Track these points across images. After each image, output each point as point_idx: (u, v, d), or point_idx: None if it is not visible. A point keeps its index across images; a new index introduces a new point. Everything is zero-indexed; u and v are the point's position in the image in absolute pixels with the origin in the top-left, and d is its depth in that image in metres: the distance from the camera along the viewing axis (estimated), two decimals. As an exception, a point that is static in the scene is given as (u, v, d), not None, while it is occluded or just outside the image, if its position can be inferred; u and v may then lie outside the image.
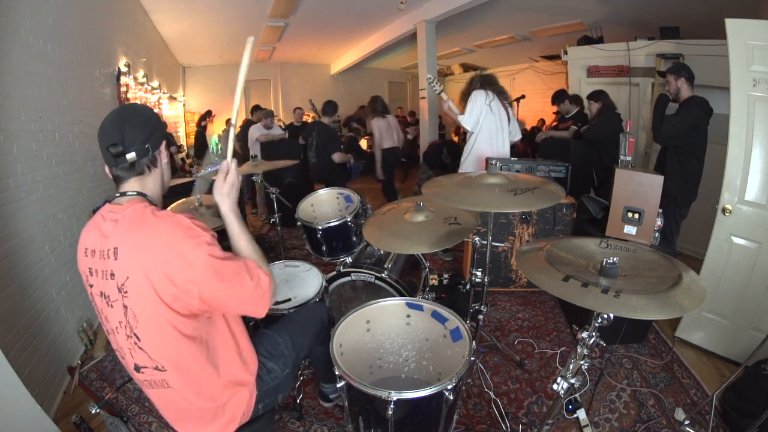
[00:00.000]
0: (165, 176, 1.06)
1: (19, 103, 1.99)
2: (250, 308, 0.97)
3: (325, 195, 2.59)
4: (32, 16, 2.17)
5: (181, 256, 0.85)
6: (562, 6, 4.91)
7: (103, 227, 0.92)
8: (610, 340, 2.21)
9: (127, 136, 0.92)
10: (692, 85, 2.43)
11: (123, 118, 0.94)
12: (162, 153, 1.02)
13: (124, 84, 3.75)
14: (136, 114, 0.97)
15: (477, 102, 2.69)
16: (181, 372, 0.93)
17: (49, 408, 1.80)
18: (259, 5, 5.04)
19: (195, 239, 0.88)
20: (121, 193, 0.96)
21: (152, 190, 1.00)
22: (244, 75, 0.96)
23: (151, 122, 0.98)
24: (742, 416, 1.59)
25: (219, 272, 0.89)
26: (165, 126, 1.06)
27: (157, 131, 0.98)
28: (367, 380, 1.12)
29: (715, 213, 2.07)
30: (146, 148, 0.95)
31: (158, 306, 0.85)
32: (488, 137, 2.76)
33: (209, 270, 0.87)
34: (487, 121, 2.73)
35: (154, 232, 0.87)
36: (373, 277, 1.91)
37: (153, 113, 1.05)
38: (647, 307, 0.83)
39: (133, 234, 0.87)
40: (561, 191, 1.34)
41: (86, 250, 0.94)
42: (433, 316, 1.42)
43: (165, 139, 1.03)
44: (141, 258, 0.85)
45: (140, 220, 0.88)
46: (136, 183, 0.97)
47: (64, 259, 2.29)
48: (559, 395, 1.09)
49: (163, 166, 1.03)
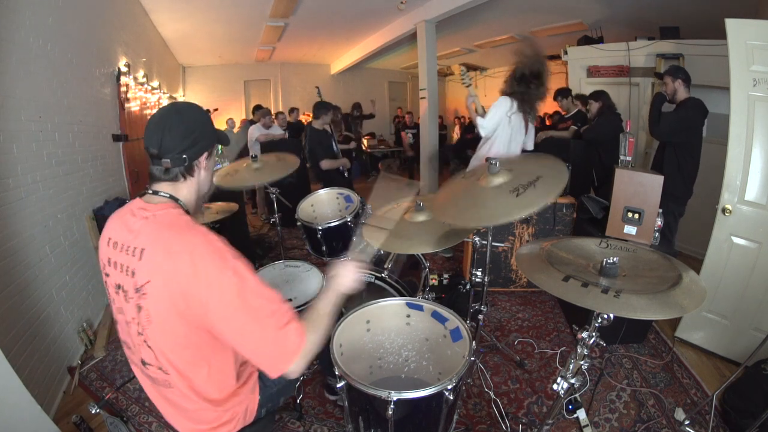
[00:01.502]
0: (202, 185, 1.02)
1: (19, 103, 1.99)
2: (263, 361, 0.86)
3: (325, 195, 2.59)
4: (32, 16, 2.17)
5: (204, 277, 0.81)
6: (562, 6, 4.91)
7: (130, 222, 0.90)
8: (610, 340, 2.21)
9: (165, 142, 0.90)
10: (689, 87, 2.44)
11: (165, 124, 0.92)
12: (201, 164, 0.98)
13: (124, 84, 3.75)
14: (180, 122, 0.93)
15: (500, 109, 2.55)
16: (185, 377, 0.92)
17: (49, 408, 1.80)
18: (259, 5, 5.04)
19: (223, 262, 0.83)
20: (153, 191, 0.95)
21: (186, 197, 0.97)
22: None
23: (194, 132, 0.94)
24: (742, 416, 1.59)
25: (243, 304, 0.82)
26: (213, 134, 1.01)
27: (200, 141, 0.95)
28: (367, 380, 1.12)
29: (715, 213, 2.07)
30: (183, 158, 0.92)
31: (171, 315, 0.84)
32: (500, 145, 2.65)
33: (229, 297, 0.82)
34: (504, 132, 2.62)
35: (184, 246, 0.83)
36: (373, 277, 1.91)
37: (200, 121, 0.98)
38: (647, 307, 0.83)
39: (163, 241, 0.85)
40: (564, 174, 1.25)
41: (109, 240, 0.92)
42: (433, 316, 1.42)
43: (209, 149, 0.99)
44: (165, 267, 0.83)
45: (173, 228, 0.87)
46: (168, 186, 0.95)
47: (64, 259, 2.29)
48: (559, 395, 1.09)
49: (201, 176, 0.99)
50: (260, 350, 0.85)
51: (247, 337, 0.84)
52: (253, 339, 0.84)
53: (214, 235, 0.87)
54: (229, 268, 0.83)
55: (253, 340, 0.84)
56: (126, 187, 3.57)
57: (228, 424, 1.04)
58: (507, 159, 1.43)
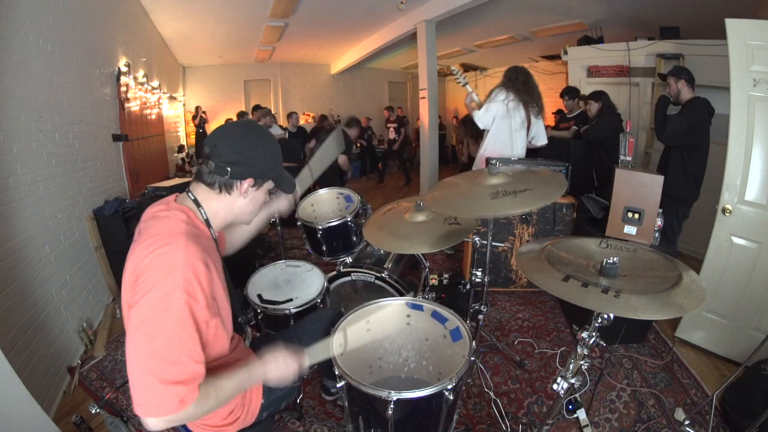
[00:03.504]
0: (238, 211, 0.99)
1: (19, 103, 1.99)
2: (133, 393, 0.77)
3: (325, 195, 2.59)
4: (32, 16, 2.17)
5: (141, 287, 0.78)
6: (562, 6, 4.91)
7: (153, 210, 0.93)
8: (610, 340, 2.21)
9: (218, 146, 0.91)
10: (693, 87, 2.43)
11: (229, 132, 0.93)
12: (242, 187, 0.95)
13: (124, 84, 3.75)
14: (242, 138, 0.93)
15: (495, 101, 2.62)
16: None
17: (49, 408, 1.80)
18: (259, 5, 5.03)
19: (162, 284, 0.77)
20: (188, 190, 0.97)
21: (213, 210, 0.96)
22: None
23: (247, 153, 0.92)
24: (742, 416, 1.59)
25: (147, 334, 0.76)
26: (271, 170, 1.00)
27: (250, 165, 0.93)
28: (366, 380, 1.12)
29: (715, 213, 2.07)
30: (226, 169, 0.91)
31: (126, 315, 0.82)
32: (502, 137, 2.68)
33: (141, 316, 0.76)
34: (503, 122, 2.64)
35: (148, 250, 0.80)
36: (373, 277, 1.91)
37: (262, 147, 0.95)
38: (647, 307, 0.83)
39: (144, 238, 0.84)
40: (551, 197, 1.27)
41: (138, 228, 0.94)
42: (433, 316, 1.42)
43: (258, 180, 0.96)
44: (130, 267, 0.82)
45: (160, 230, 0.85)
46: (202, 191, 0.95)
47: (64, 259, 2.29)
48: (559, 395, 1.09)
49: (239, 201, 0.97)
50: (135, 384, 0.77)
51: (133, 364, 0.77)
52: (136, 370, 0.77)
53: (188, 254, 0.81)
54: (165, 293, 0.76)
55: (135, 371, 0.77)
56: (126, 187, 3.57)
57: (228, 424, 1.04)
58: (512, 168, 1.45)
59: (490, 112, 2.64)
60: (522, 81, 2.67)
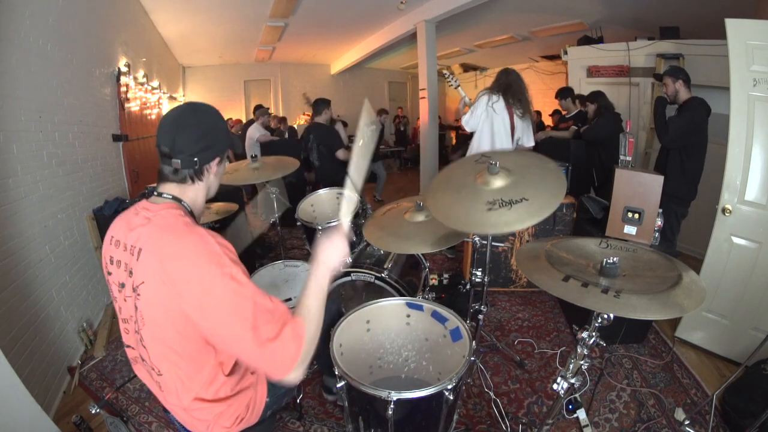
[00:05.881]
0: (211, 189, 1.01)
1: (19, 103, 1.99)
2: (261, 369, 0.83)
3: (325, 195, 2.60)
4: (32, 16, 2.17)
5: (198, 283, 0.79)
6: (562, 6, 4.91)
7: (132, 221, 0.90)
8: (610, 340, 2.21)
9: (177, 143, 0.89)
10: (690, 87, 2.43)
11: (179, 124, 0.91)
12: (212, 168, 0.96)
13: (124, 84, 3.75)
14: (195, 123, 0.92)
15: (480, 104, 2.65)
16: (177, 379, 0.91)
17: (49, 408, 1.80)
18: (259, 5, 5.04)
19: (219, 268, 0.80)
20: (158, 192, 0.94)
21: (191, 199, 0.96)
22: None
23: (207, 136, 0.92)
24: (742, 416, 1.59)
25: (238, 312, 0.79)
26: (227, 139, 1.01)
27: (213, 146, 0.94)
28: (367, 380, 1.12)
29: (715, 213, 2.07)
30: (194, 161, 0.91)
31: (163, 321, 0.83)
32: (490, 140, 2.70)
33: (225, 304, 0.79)
34: (489, 124, 2.67)
35: (179, 247, 0.82)
36: (373, 277, 1.91)
37: (215, 125, 0.96)
38: (647, 307, 0.83)
39: (159, 243, 0.83)
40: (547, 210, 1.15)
41: (112, 239, 0.93)
42: (433, 316, 1.42)
43: (221, 154, 0.98)
44: (160, 268, 0.81)
45: (170, 230, 0.85)
46: (175, 188, 0.94)
47: (64, 259, 2.29)
48: (559, 395, 1.09)
49: (210, 181, 0.99)
50: (257, 360, 0.81)
51: (243, 346, 0.80)
52: (249, 349, 0.79)
53: (212, 237, 0.85)
54: (226, 274, 0.80)
55: (249, 349, 0.79)
56: (126, 187, 3.57)
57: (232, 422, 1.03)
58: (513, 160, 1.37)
59: (475, 116, 2.67)
60: (507, 83, 2.68)
